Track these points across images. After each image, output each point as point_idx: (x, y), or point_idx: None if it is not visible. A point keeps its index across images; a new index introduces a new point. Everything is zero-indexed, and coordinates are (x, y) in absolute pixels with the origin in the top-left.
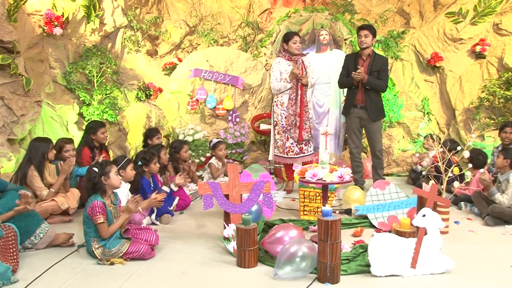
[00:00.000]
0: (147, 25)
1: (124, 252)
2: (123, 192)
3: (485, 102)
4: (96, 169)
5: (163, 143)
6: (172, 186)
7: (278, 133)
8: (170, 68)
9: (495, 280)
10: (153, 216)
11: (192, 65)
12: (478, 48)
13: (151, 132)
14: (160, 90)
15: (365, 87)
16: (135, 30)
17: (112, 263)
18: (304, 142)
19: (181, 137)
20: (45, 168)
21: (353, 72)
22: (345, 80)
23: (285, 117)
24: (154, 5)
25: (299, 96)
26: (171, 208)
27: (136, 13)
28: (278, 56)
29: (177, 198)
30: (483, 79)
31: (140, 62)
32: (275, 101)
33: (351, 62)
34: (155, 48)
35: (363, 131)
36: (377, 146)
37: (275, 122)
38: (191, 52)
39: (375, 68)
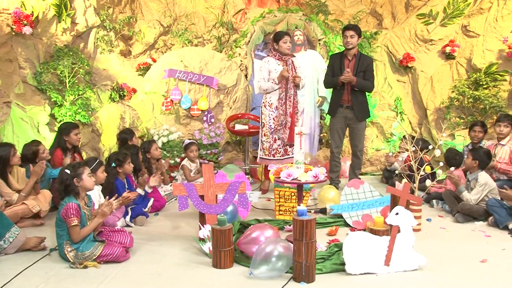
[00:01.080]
0: (120, 25)
1: (97, 255)
2: (94, 195)
3: (455, 102)
4: (68, 171)
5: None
6: (147, 188)
7: (264, 135)
8: (144, 69)
9: (465, 276)
10: (128, 218)
11: (166, 65)
12: (448, 49)
13: (127, 135)
14: (134, 90)
15: (352, 87)
16: (108, 30)
17: (85, 267)
18: (288, 144)
19: (155, 138)
20: (10, 174)
21: (342, 76)
22: (330, 80)
23: (273, 118)
24: (127, 4)
25: (289, 96)
26: (146, 209)
27: (109, 13)
28: (268, 55)
29: (152, 199)
30: (453, 79)
31: (113, 62)
32: (263, 102)
33: (336, 62)
34: (129, 48)
35: (346, 131)
36: (359, 146)
37: (263, 124)
38: (165, 52)
39: (361, 68)
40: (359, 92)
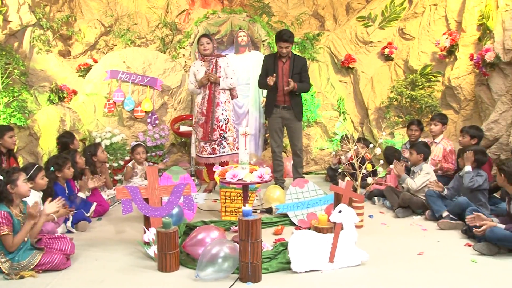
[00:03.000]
0: (58, 24)
1: (35, 264)
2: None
3: (394, 101)
4: (1, 177)
5: (78, 148)
6: (86, 192)
7: (195, 133)
8: (84, 70)
9: (404, 268)
10: (69, 223)
11: (108, 66)
12: (386, 51)
13: (68, 138)
14: (75, 92)
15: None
16: (45, 29)
17: (21, 277)
18: (215, 143)
19: (98, 140)
20: None
21: (285, 88)
22: (264, 82)
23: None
24: (66, 3)
25: (205, 96)
26: (88, 214)
27: (45, 11)
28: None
29: (95, 203)
30: (391, 80)
31: (51, 63)
32: (195, 102)
33: (270, 63)
34: (68, 49)
35: (285, 131)
36: (298, 144)
37: (194, 122)
38: (107, 53)
39: (296, 70)
40: (295, 92)
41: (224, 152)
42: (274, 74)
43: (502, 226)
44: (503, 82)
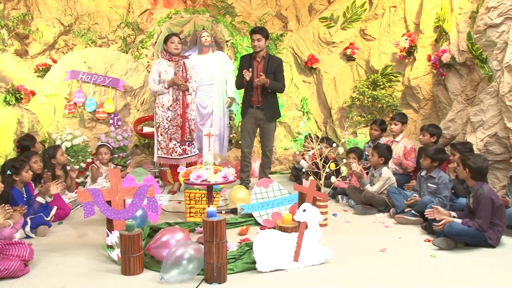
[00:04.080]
0: (13, 23)
1: None
2: None
3: (356, 101)
4: None
5: (39, 151)
6: (47, 197)
7: (161, 135)
8: (43, 70)
9: (367, 264)
10: (27, 228)
11: (68, 66)
12: (348, 51)
13: (29, 142)
14: (33, 93)
15: (263, 88)
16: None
17: None
18: (187, 143)
19: (58, 142)
20: None
21: (256, 80)
22: (240, 81)
23: (166, 118)
24: (21, 0)
25: (178, 98)
26: (48, 218)
27: None
28: (160, 57)
29: (55, 207)
30: (354, 80)
31: (7, 62)
32: (157, 103)
33: (245, 63)
34: (25, 48)
35: (257, 132)
36: (269, 145)
37: (158, 124)
38: (66, 53)
39: (270, 70)
40: (270, 93)
41: (195, 152)
42: (250, 69)
43: (459, 220)
44: (459, 82)
